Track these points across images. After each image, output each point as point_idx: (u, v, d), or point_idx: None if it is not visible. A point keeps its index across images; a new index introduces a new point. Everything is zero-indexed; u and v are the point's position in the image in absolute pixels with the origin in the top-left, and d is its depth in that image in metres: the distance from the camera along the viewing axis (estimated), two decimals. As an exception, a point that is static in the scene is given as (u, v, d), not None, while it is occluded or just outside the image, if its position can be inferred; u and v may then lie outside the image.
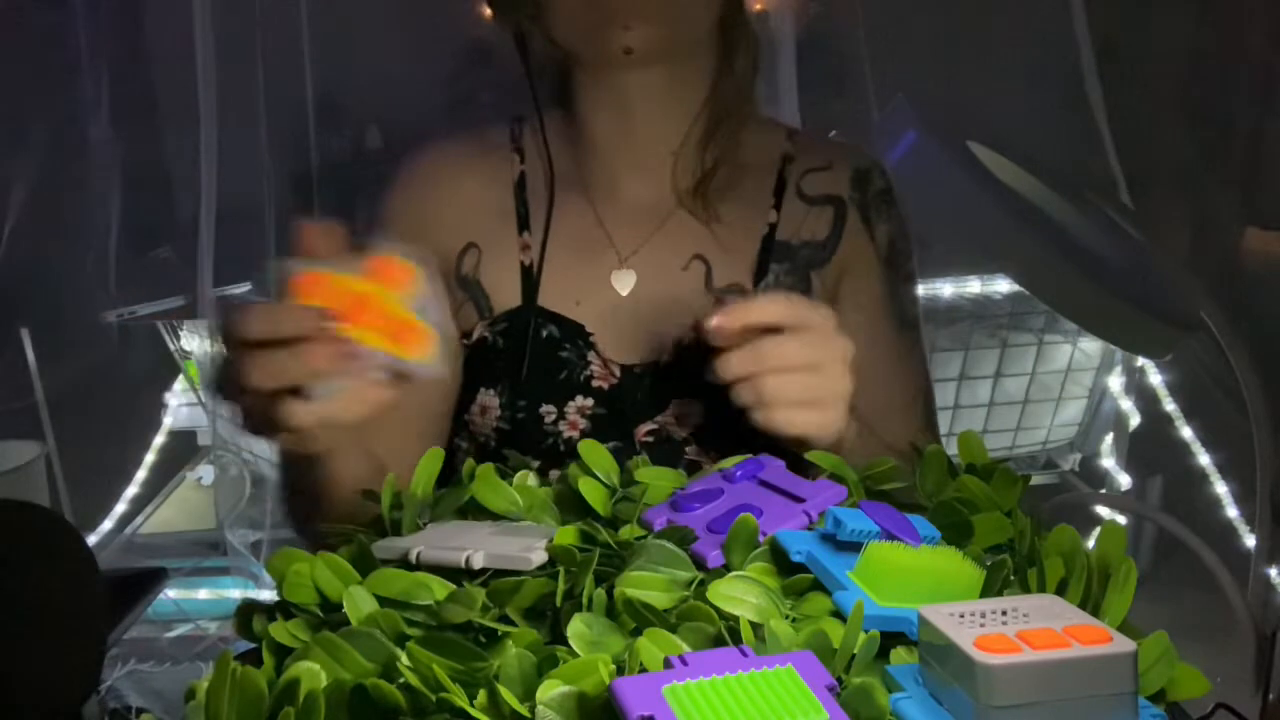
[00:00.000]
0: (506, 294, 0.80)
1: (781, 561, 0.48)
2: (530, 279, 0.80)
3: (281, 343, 0.53)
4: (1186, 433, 2.01)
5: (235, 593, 2.00)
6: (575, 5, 0.71)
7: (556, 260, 0.80)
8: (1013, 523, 0.53)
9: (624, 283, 0.80)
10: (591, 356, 0.78)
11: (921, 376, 0.86)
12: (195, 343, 2.08)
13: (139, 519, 2.22)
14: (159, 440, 2.25)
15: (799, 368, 0.63)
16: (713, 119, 0.80)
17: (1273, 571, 1.47)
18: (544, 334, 0.78)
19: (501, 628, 0.44)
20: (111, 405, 2.24)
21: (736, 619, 0.43)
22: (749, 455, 0.60)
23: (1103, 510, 1.94)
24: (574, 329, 0.78)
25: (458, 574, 0.48)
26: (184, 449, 2.38)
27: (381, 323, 0.53)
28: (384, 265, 0.54)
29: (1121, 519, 1.85)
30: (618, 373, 0.78)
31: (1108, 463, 2.15)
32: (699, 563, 0.49)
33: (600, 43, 0.73)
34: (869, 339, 0.64)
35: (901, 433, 0.76)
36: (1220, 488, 1.92)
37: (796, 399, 0.63)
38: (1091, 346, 2.08)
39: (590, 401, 0.77)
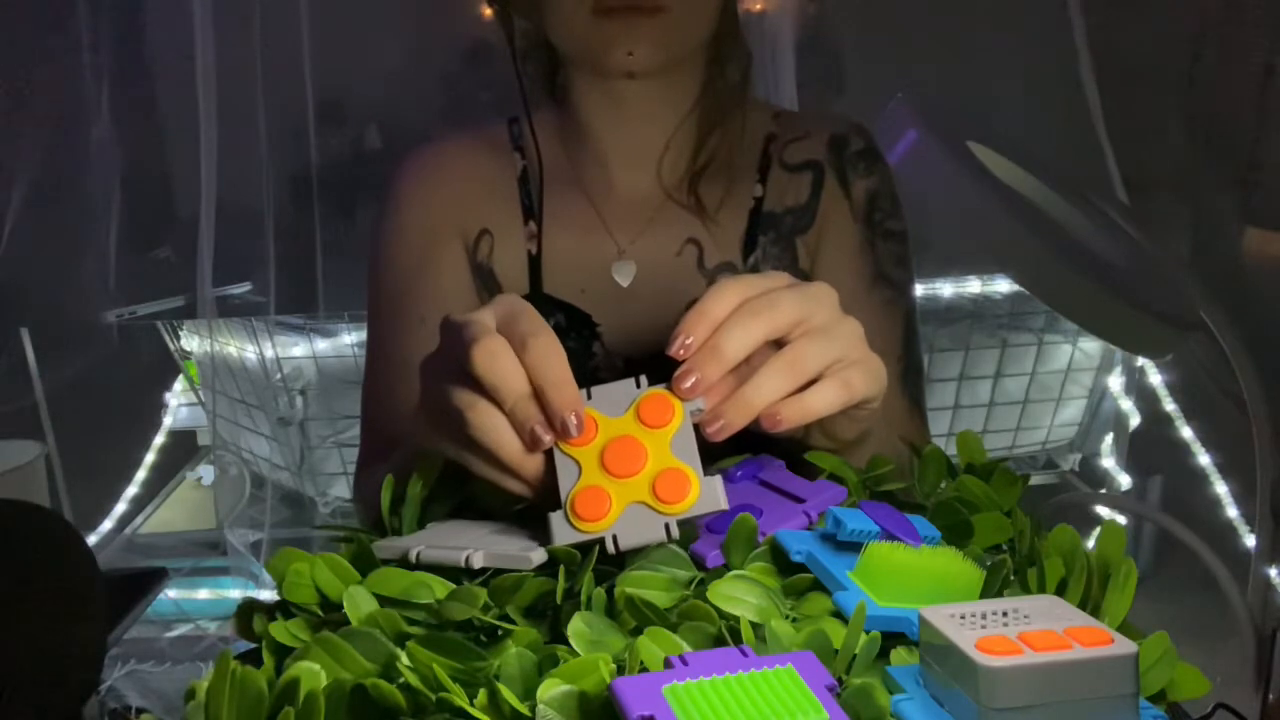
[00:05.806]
0: (517, 281, 0.81)
1: (781, 561, 0.48)
2: (538, 267, 0.81)
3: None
4: (1186, 433, 2.01)
5: (235, 593, 2.00)
6: (580, 28, 0.72)
7: (560, 250, 0.81)
8: (1012, 523, 0.53)
9: (624, 274, 0.80)
10: (596, 348, 0.79)
11: (898, 341, 0.81)
12: (195, 343, 2.08)
13: (139, 519, 2.22)
14: (159, 440, 2.25)
15: (774, 337, 0.51)
16: (702, 124, 0.81)
17: (1273, 571, 1.47)
18: (551, 322, 0.79)
19: (503, 625, 0.44)
20: (111, 405, 2.24)
21: (737, 619, 0.43)
22: (749, 455, 0.60)
23: (1103, 510, 1.94)
24: (581, 318, 0.79)
25: (458, 573, 0.48)
26: (184, 449, 2.38)
27: (648, 475, 0.49)
28: (651, 403, 0.50)
29: (1121, 519, 1.85)
30: (621, 365, 0.78)
31: (1108, 463, 2.14)
32: (699, 562, 0.49)
33: (603, 64, 0.74)
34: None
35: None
36: (1220, 488, 1.92)
37: (796, 380, 0.51)
38: (1091, 346, 2.08)
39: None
